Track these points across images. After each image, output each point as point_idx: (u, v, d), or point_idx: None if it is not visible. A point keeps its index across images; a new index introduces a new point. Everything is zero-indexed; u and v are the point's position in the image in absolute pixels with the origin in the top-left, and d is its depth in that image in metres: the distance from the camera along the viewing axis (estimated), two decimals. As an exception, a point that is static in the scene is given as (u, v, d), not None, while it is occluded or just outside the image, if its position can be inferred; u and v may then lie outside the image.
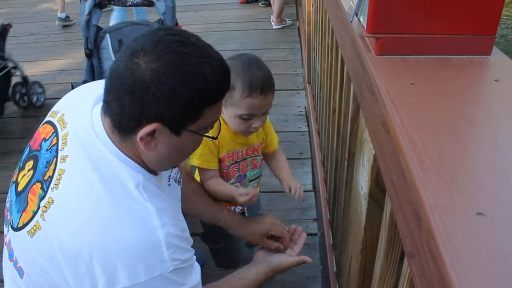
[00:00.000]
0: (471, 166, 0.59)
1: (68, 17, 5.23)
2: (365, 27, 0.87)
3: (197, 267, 0.97)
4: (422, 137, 0.62)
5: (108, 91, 0.87)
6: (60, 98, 1.09)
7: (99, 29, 2.49)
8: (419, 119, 0.66)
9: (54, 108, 1.05)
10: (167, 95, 0.82)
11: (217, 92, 0.89)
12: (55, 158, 0.91)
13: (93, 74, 2.49)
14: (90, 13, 2.43)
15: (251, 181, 1.54)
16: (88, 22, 2.44)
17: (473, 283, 0.43)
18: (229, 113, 1.31)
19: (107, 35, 2.47)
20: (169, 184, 1.09)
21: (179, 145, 0.91)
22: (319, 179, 2.25)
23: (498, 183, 0.55)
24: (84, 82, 2.33)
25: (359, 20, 0.93)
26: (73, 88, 1.73)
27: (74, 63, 4.17)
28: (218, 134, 1.07)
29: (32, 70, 4.15)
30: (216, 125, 0.99)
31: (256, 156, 1.49)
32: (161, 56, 0.82)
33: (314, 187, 2.49)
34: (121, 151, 0.90)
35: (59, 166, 0.90)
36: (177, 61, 0.82)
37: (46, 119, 1.04)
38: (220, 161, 1.42)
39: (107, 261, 0.83)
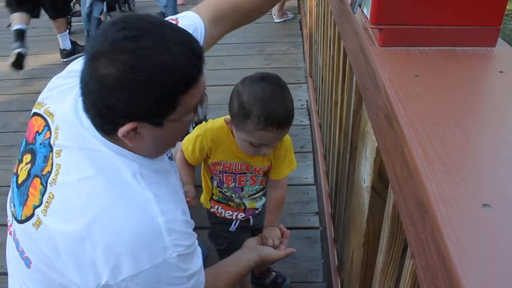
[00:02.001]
0: (476, 158, 0.58)
1: None
2: (368, 18, 0.86)
3: (199, 251, 0.97)
4: (426, 128, 0.61)
5: (82, 94, 0.86)
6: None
7: (100, 22, 2.49)
8: (424, 110, 0.65)
9: (39, 99, 1.04)
10: (133, 97, 0.80)
11: (187, 77, 0.84)
12: (51, 153, 0.91)
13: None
14: (91, 6, 2.42)
15: (250, 195, 1.49)
16: (89, 15, 2.44)
17: (479, 276, 0.42)
18: (239, 135, 1.26)
19: (108, 28, 2.47)
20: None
21: (165, 134, 0.88)
22: (320, 173, 2.24)
23: (504, 175, 0.54)
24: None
25: (363, 12, 0.92)
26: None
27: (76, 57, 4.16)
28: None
29: (33, 63, 4.14)
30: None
31: (256, 175, 1.44)
32: (116, 58, 0.78)
33: (315, 180, 2.48)
34: (111, 142, 0.89)
35: (55, 160, 0.90)
36: (133, 60, 0.79)
37: (35, 110, 1.03)
38: (210, 165, 1.41)
39: (109, 252, 0.83)
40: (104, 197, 0.85)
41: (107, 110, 0.82)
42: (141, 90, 0.80)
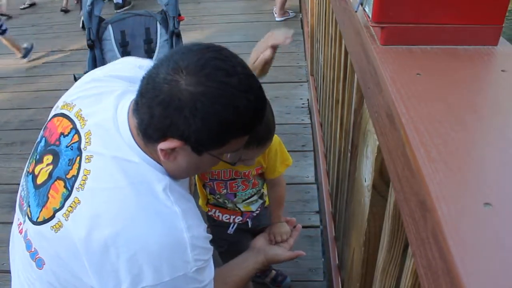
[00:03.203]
0: (478, 156, 0.58)
1: None
2: (370, 16, 0.86)
3: (212, 262, 0.99)
4: (428, 127, 0.61)
5: (141, 95, 0.87)
6: (62, 90, 1.07)
7: (101, 20, 2.48)
8: (425, 109, 0.65)
9: (66, 100, 1.03)
10: (198, 121, 0.82)
11: (247, 126, 0.89)
12: (78, 157, 0.90)
13: (95, 65, 2.47)
14: (92, 4, 2.41)
15: (244, 200, 1.46)
16: (90, 13, 2.43)
17: (480, 275, 0.42)
18: None
19: (109, 26, 2.46)
20: None
21: (198, 162, 0.91)
22: (321, 172, 2.24)
23: (506, 174, 0.54)
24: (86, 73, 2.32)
25: (364, 10, 0.92)
26: (75, 79, 1.71)
27: (76, 55, 4.16)
28: (238, 160, 1.03)
29: (34, 61, 4.15)
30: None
31: (247, 179, 1.40)
32: (203, 82, 0.81)
33: (316, 179, 2.48)
34: (146, 154, 0.90)
35: (83, 166, 0.89)
36: (217, 91, 0.82)
37: (60, 110, 1.01)
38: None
39: (133, 261, 0.84)
40: (133, 209, 0.86)
41: (164, 119, 0.83)
42: (207, 119, 0.82)
